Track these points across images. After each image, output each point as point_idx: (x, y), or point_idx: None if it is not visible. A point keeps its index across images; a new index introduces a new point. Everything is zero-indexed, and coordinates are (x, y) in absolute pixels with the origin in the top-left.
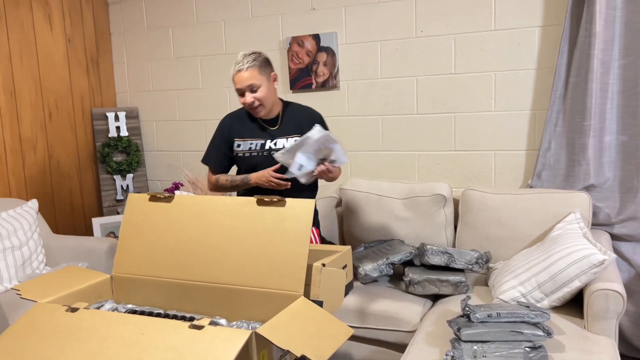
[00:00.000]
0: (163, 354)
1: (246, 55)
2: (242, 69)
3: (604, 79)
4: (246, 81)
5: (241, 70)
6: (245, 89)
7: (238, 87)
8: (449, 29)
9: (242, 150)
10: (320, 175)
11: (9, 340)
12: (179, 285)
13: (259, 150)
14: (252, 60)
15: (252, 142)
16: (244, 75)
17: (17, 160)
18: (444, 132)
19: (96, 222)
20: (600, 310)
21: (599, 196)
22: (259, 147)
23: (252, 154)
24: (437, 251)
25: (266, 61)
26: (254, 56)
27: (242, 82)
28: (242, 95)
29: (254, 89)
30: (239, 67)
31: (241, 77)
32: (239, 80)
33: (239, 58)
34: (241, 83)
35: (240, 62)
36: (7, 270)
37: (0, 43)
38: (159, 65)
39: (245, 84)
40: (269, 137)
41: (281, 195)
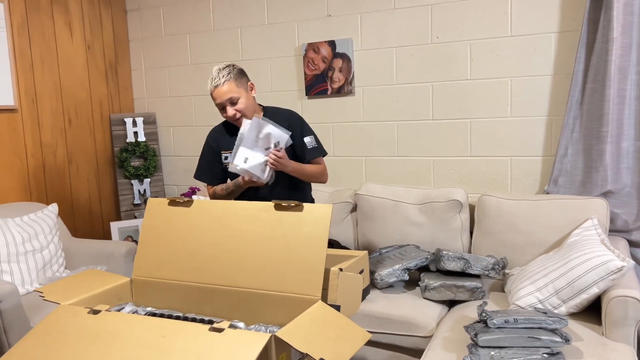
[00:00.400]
0: (184, 356)
1: (220, 70)
2: (219, 83)
3: (621, 85)
4: (225, 95)
5: (218, 86)
6: (226, 103)
7: (218, 102)
8: (465, 35)
9: (228, 162)
10: (273, 165)
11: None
12: (197, 289)
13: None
14: (227, 73)
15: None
16: (222, 89)
17: (37, 165)
18: (460, 137)
19: (114, 226)
20: (619, 317)
21: (616, 202)
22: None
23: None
24: (453, 257)
25: (241, 72)
26: (228, 69)
27: (221, 96)
28: (223, 109)
29: (233, 101)
30: (216, 83)
31: (219, 92)
32: (218, 95)
33: (214, 73)
34: (220, 97)
35: (215, 77)
36: (29, 273)
37: (22, 51)
38: (176, 72)
39: (225, 97)
40: None
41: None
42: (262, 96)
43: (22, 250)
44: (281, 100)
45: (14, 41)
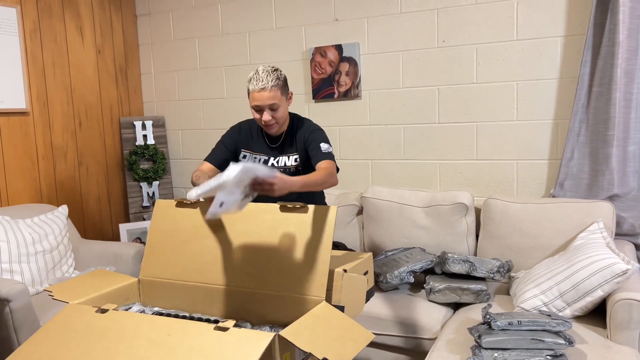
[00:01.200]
0: (189, 354)
1: (269, 73)
2: (267, 87)
3: (627, 88)
4: (268, 100)
5: (265, 89)
6: (265, 107)
7: (257, 104)
8: (471, 39)
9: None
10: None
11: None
12: (203, 289)
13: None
14: (275, 79)
15: (256, 157)
16: (267, 94)
17: (48, 167)
18: (466, 141)
19: (123, 228)
20: (624, 320)
21: (623, 206)
22: (262, 163)
23: None
24: (458, 259)
25: (286, 80)
26: (277, 74)
27: (264, 100)
28: (259, 111)
29: (273, 107)
30: (263, 85)
31: (263, 95)
32: (261, 98)
33: (262, 75)
34: (263, 101)
35: (263, 79)
36: (39, 273)
37: (34, 55)
38: (185, 76)
39: (267, 102)
40: (272, 154)
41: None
42: None
43: (33, 251)
44: None
45: (26, 45)
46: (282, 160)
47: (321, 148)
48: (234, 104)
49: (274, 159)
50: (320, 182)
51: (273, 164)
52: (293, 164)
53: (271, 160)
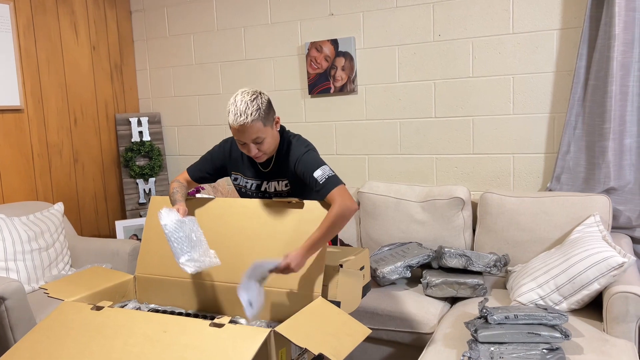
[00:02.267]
0: (185, 350)
1: (248, 104)
2: (247, 122)
3: (623, 81)
4: (250, 136)
5: (245, 124)
6: (249, 142)
7: (240, 139)
8: (467, 33)
9: (238, 184)
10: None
11: (38, 337)
12: (199, 286)
13: (254, 191)
14: (255, 110)
15: (247, 181)
16: (247, 129)
17: (44, 165)
18: (462, 135)
19: (119, 225)
20: (620, 313)
21: (619, 199)
22: (254, 188)
23: (247, 192)
24: (455, 254)
25: (269, 107)
26: (257, 105)
27: (245, 136)
28: (243, 145)
29: (257, 141)
30: (242, 120)
31: (244, 129)
32: (241, 133)
33: (240, 106)
34: (244, 137)
35: (242, 112)
36: (35, 271)
37: (28, 51)
38: (180, 72)
39: (250, 138)
40: (262, 179)
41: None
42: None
43: (29, 249)
44: (284, 99)
45: (20, 42)
46: (271, 186)
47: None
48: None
49: (267, 184)
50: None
51: (266, 189)
52: (284, 188)
53: (263, 185)
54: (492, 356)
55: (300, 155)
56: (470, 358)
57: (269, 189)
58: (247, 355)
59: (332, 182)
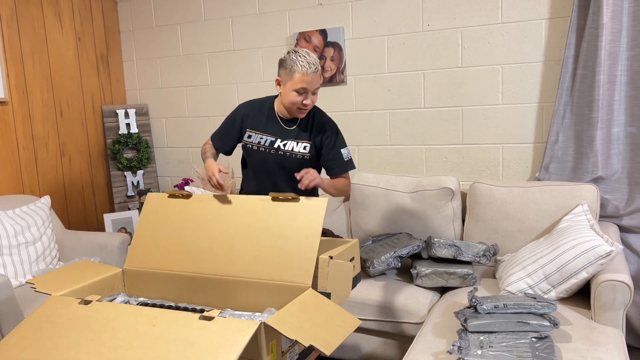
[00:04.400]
0: (174, 344)
1: (316, 59)
2: (318, 70)
3: (611, 70)
4: (316, 83)
5: (317, 72)
6: (310, 90)
7: (305, 87)
8: (456, 23)
9: (251, 142)
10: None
11: (25, 332)
12: (189, 279)
13: (267, 147)
14: (319, 64)
15: (262, 137)
16: (317, 77)
17: (29, 158)
18: (452, 125)
19: (107, 218)
20: (607, 301)
21: (607, 188)
22: (268, 144)
23: (259, 148)
24: (444, 244)
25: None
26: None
27: (313, 83)
28: (301, 94)
29: (315, 92)
30: (315, 69)
31: (314, 78)
32: (311, 81)
33: (311, 58)
34: (311, 84)
35: (314, 63)
36: (22, 265)
37: (12, 42)
38: (167, 63)
39: (315, 86)
40: (281, 136)
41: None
42: (254, 86)
43: (15, 243)
44: (273, 90)
45: (3, 33)
46: (289, 145)
47: (343, 156)
48: (218, 91)
49: (282, 142)
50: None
51: (279, 146)
52: (302, 151)
53: (277, 142)
54: (482, 345)
55: (337, 129)
56: (460, 347)
57: (285, 147)
58: (237, 348)
59: (351, 165)
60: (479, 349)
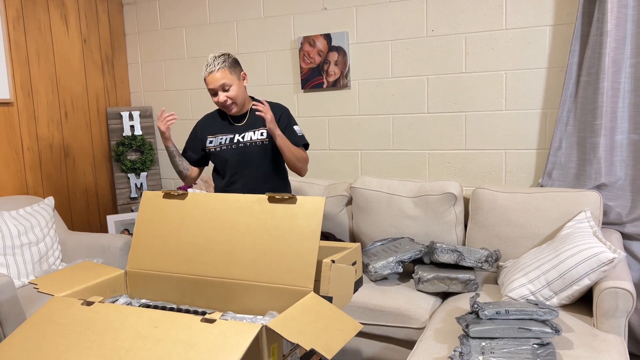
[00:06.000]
0: (176, 346)
1: (216, 57)
2: (214, 70)
3: (615, 77)
4: (218, 81)
5: (213, 72)
6: (218, 89)
7: (211, 88)
8: (460, 28)
9: (213, 145)
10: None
11: (27, 332)
12: (191, 281)
13: (228, 144)
14: (222, 61)
15: (222, 137)
16: (216, 75)
17: (34, 159)
18: (455, 131)
19: (110, 220)
20: (610, 308)
21: (610, 195)
22: (228, 141)
23: (222, 147)
24: (446, 249)
25: (235, 61)
26: (224, 57)
27: (214, 82)
28: (214, 95)
29: (225, 88)
30: (211, 69)
31: (213, 77)
32: (212, 81)
33: (210, 60)
34: (213, 83)
35: (211, 64)
36: (25, 265)
37: (18, 43)
38: (172, 65)
39: (218, 84)
40: (238, 131)
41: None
42: (258, 89)
43: (18, 243)
44: (277, 94)
45: (10, 34)
46: (247, 135)
47: (297, 132)
48: None
49: (239, 135)
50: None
51: (239, 140)
52: (259, 137)
53: (236, 137)
54: (483, 351)
55: (285, 109)
56: (461, 353)
57: (244, 139)
58: (238, 351)
59: (304, 139)
60: (481, 355)
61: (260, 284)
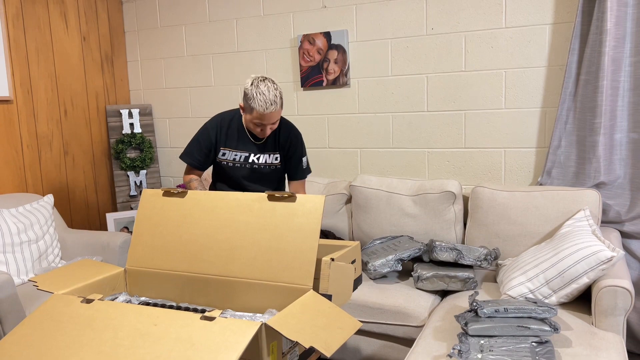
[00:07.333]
0: (175, 344)
1: (277, 96)
2: (275, 110)
3: (614, 76)
4: (273, 119)
5: (274, 110)
6: (267, 125)
7: (263, 123)
8: (460, 27)
9: (225, 159)
10: None
11: (26, 330)
12: (190, 279)
13: (242, 163)
14: (280, 99)
15: (236, 154)
16: (275, 115)
17: (33, 156)
18: (454, 129)
19: (110, 217)
20: (608, 306)
21: (609, 194)
22: (243, 160)
23: (235, 164)
24: (446, 247)
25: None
26: (279, 93)
27: (269, 119)
28: (258, 125)
29: (274, 123)
30: (273, 108)
31: (271, 116)
32: (269, 118)
33: (270, 96)
34: (269, 121)
35: (273, 101)
36: (24, 263)
37: (17, 41)
38: (172, 63)
39: (272, 121)
40: (254, 151)
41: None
42: None
43: (18, 241)
44: None
45: (9, 32)
46: (262, 158)
47: (302, 164)
48: (222, 92)
49: (255, 156)
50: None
51: (253, 160)
52: (274, 162)
53: (252, 157)
54: (482, 349)
55: (299, 136)
56: (460, 351)
57: (259, 160)
58: (237, 349)
59: (308, 170)
60: (479, 353)
61: (259, 282)
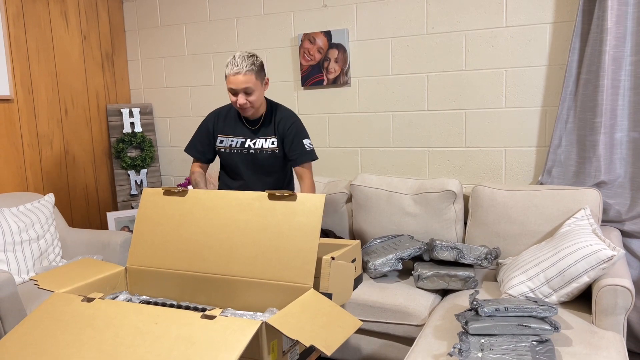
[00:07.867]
0: (176, 342)
1: (245, 58)
2: (240, 71)
3: (615, 75)
4: (243, 84)
5: (239, 73)
6: (240, 91)
7: (232, 88)
8: (460, 26)
9: (223, 146)
10: None
11: (27, 328)
12: (191, 277)
13: (239, 148)
14: (250, 64)
15: (232, 140)
16: (241, 78)
17: (34, 155)
18: (455, 128)
19: (111, 217)
20: (609, 305)
21: (609, 193)
22: (239, 145)
23: (232, 150)
24: (446, 246)
25: (262, 66)
26: (252, 60)
27: (238, 84)
28: (234, 94)
29: (248, 91)
30: (237, 70)
31: (238, 79)
32: (236, 82)
33: (237, 60)
34: (237, 85)
35: (238, 64)
36: (25, 262)
37: (18, 40)
38: (172, 62)
39: (242, 86)
40: (250, 136)
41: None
42: None
43: (19, 240)
44: (277, 91)
45: (10, 31)
46: (259, 142)
47: (303, 146)
48: (222, 91)
49: (251, 141)
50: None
51: (249, 145)
52: (270, 146)
53: (248, 142)
54: (482, 348)
55: (296, 119)
56: (460, 350)
57: (255, 145)
58: (238, 347)
59: (313, 155)
60: (480, 352)
61: (260, 281)
